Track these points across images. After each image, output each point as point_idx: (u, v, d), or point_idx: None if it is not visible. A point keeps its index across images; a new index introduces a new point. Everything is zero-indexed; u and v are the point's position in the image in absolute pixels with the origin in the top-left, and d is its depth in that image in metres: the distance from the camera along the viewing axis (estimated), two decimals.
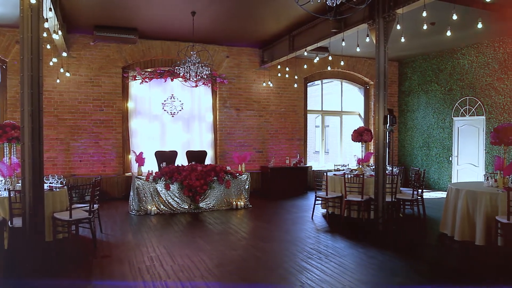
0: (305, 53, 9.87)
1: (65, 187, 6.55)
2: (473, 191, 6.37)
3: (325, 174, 8.72)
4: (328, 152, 17.95)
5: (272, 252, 6.03)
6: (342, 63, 10.97)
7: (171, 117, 11.21)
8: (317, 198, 8.37)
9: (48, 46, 8.90)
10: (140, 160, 9.11)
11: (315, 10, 7.37)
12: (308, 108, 12.92)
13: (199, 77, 8.77)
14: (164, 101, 11.12)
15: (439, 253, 6.13)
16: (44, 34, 6.15)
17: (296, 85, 12.24)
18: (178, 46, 10.73)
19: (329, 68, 11.99)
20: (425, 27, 6.92)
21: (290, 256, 5.80)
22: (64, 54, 9.43)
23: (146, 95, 11.05)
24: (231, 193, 9.32)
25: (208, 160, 11.23)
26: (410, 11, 6.70)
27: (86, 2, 8.02)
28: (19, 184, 5.92)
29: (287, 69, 11.24)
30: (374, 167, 7.30)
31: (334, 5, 3.92)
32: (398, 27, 6.90)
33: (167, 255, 5.78)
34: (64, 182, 6.90)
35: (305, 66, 11.60)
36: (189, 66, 8.51)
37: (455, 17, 6.30)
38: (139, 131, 10.99)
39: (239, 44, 11.57)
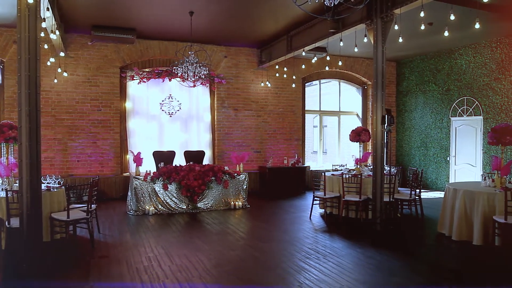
0: (303, 53, 9.87)
1: (63, 187, 6.54)
2: (471, 191, 6.38)
3: (323, 174, 8.72)
4: (326, 152, 17.97)
5: (270, 252, 6.03)
6: (340, 63, 10.98)
7: (169, 117, 11.20)
8: (315, 198, 8.38)
9: (46, 46, 8.89)
10: (138, 160, 9.10)
11: (313, 10, 7.37)
12: (306, 108, 12.93)
13: (197, 77, 8.77)
14: (162, 101, 11.11)
15: (437, 253, 6.14)
16: (42, 34, 6.12)
17: (294, 85, 12.24)
18: (176, 46, 10.72)
19: (327, 68, 11.99)
20: (423, 27, 6.93)
21: (288, 256, 5.80)
22: (62, 54, 9.40)
23: (144, 95, 11.04)
24: (229, 193, 9.31)
25: (206, 160, 11.23)
26: (408, 11, 6.71)
27: (84, 2, 8.00)
28: (17, 184, 5.90)
29: (285, 69, 11.23)
30: (372, 167, 7.30)
31: (332, 5, 3.92)
32: (396, 27, 6.90)
33: (165, 255, 5.77)
34: (62, 182, 6.87)
35: (303, 66, 11.61)
36: (187, 66, 8.51)
37: (453, 18, 6.31)
38: (137, 131, 10.98)
39: (237, 44, 11.57)
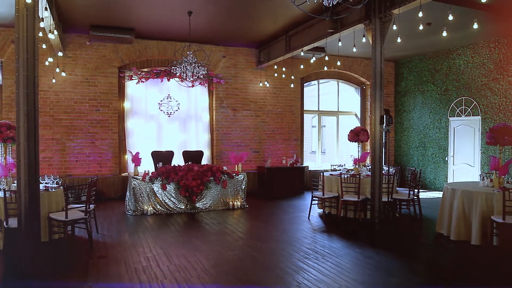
0: (302, 53, 9.87)
1: (61, 187, 6.53)
2: (469, 191, 6.40)
3: (322, 174, 8.72)
4: (325, 152, 17.98)
5: (269, 252, 6.03)
6: (339, 63, 10.98)
7: (168, 117, 11.19)
8: (314, 198, 8.38)
9: (44, 46, 8.86)
10: (137, 160, 9.09)
11: (312, 10, 7.38)
12: (305, 108, 12.93)
13: (196, 77, 8.76)
14: (161, 101, 11.10)
15: (435, 253, 6.15)
16: (40, 34, 6.12)
17: (293, 85, 12.24)
18: (175, 46, 10.72)
19: (326, 68, 11.98)
20: (421, 28, 6.95)
21: (287, 256, 5.80)
22: (60, 54, 9.38)
23: (143, 95, 11.03)
24: (228, 193, 9.31)
25: (205, 160, 11.22)
26: (406, 12, 6.72)
27: (82, 2, 7.99)
28: (15, 185, 5.90)
29: (284, 69, 11.24)
30: (371, 167, 7.30)
31: (331, 5, 3.92)
32: (394, 28, 6.91)
33: (164, 256, 5.77)
34: (60, 182, 6.87)
35: (302, 66, 11.61)
36: (186, 66, 8.50)
37: (451, 18, 6.32)
38: (136, 131, 10.96)
39: (236, 44, 11.57)
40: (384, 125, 6.96)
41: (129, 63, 10.78)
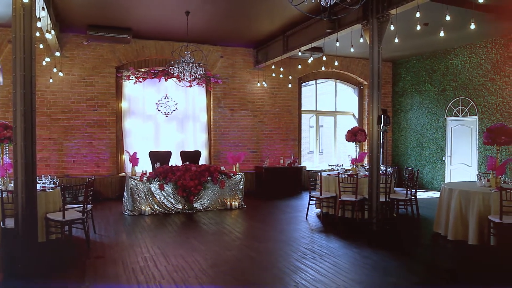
0: (299, 53, 9.87)
1: (58, 188, 6.51)
2: (466, 191, 6.41)
3: (319, 174, 8.74)
4: (322, 152, 17.99)
5: (267, 252, 6.03)
6: (336, 63, 11.00)
7: (165, 117, 11.18)
8: (311, 198, 8.38)
9: (41, 46, 8.85)
10: (134, 160, 9.07)
11: (309, 11, 7.38)
12: (302, 108, 12.94)
13: (193, 77, 8.75)
14: (158, 101, 11.09)
15: (433, 253, 6.17)
16: (37, 34, 6.11)
17: (290, 85, 12.25)
18: (172, 46, 10.70)
19: (323, 68, 12.02)
20: (419, 28, 6.97)
21: (285, 256, 5.80)
22: (57, 54, 9.37)
23: (140, 95, 11.01)
24: (226, 193, 9.31)
25: (202, 160, 11.21)
26: (404, 12, 6.73)
27: (80, 2, 7.97)
28: (12, 185, 5.88)
29: (281, 69, 11.25)
30: (368, 167, 7.32)
31: (328, 6, 3.92)
32: (392, 28, 6.93)
33: (161, 256, 5.76)
34: (57, 183, 6.85)
35: (299, 66, 11.62)
36: (183, 66, 8.49)
37: (448, 18, 6.34)
38: (133, 131, 10.94)
39: (233, 44, 11.56)
40: (382, 125, 6.98)
41: (127, 63, 10.76)
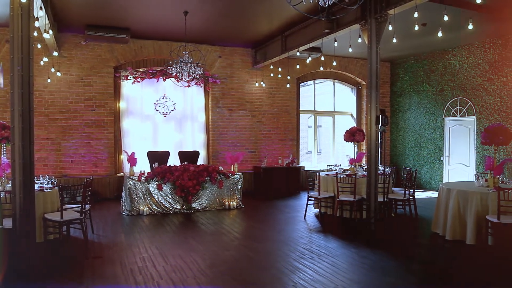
0: (298, 53, 9.88)
1: (56, 188, 6.50)
2: (464, 191, 6.43)
3: (318, 174, 8.74)
4: (321, 152, 18.00)
5: (265, 252, 6.03)
6: (335, 64, 11.00)
7: (163, 117, 11.17)
8: (310, 198, 8.39)
9: (39, 46, 8.82)
10: (132, 160, 9.06)
11: (308, 11, 7.38)
12: (301, 108, 12.95)
13: (192, 77, 8.74)
14: (156, 101, 11.07)
15: (431, 253, 6.18)
16: (35, 33, 6.08)
17: (289, 85, 12.26)
18: (171, 46, 10.69)
19: (322, 69, 12.04)
20: (417, 28, 6.98)
21: (283, 256, 5.80)
22: (55, 54, 9.34)
23: (138, 95, 10.99)
24: (224, 193, 9.30)
25: (201, 160, 11.20)
26: (402, 12, 6.74)
27: (78, 1, 7.95)
28: (9, 185, 5.86)
29: (280, 69, 11.25)
30: (366, 167, 7.33)
31: (326, 6, 3.93)
32: (390, 28, 6.94)
33: (159, 256, 5.75)
34: (55, 183, 6.84)
35: (298, 66, 11.62)
36: (182, 66, 8.49)
37: (446, 18, 6.34)
38: (131, 131, 10.93)
39: (232, 44, 11.56)
40: (380, 125, 6.99)
41: (125, 63, 10.74)
